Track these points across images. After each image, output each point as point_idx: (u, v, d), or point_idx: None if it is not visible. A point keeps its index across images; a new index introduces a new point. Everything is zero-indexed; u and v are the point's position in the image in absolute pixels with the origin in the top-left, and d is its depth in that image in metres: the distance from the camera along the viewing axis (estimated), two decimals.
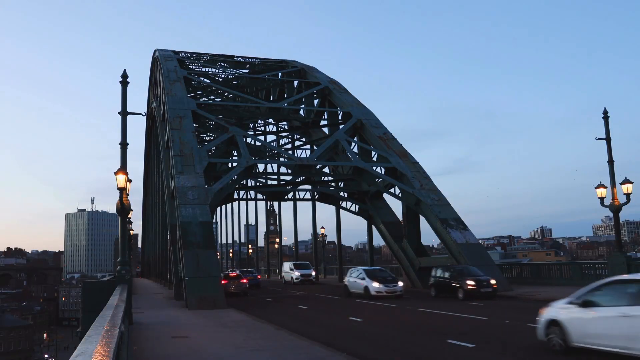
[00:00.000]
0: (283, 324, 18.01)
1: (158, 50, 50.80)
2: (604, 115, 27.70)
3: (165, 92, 39.73)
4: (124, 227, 20.54)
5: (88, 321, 10.83)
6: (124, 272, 19.13)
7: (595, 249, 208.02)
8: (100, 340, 5.10)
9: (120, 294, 14.73)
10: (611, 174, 27.22)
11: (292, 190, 49.22)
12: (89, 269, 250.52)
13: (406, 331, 16.23)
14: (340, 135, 38.50)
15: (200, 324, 18.52)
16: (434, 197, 34.21)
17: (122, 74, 21.48)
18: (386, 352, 12.80)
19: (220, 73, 52.90)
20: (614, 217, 27.93)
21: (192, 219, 28.36)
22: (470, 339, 13.52)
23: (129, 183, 20.91)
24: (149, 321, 19.84)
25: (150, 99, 58.90)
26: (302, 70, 49.63)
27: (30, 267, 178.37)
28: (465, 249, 31.16)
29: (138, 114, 21.95)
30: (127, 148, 20.73)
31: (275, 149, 45.13)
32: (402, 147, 38.27)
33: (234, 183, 37.76)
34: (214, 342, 14.11)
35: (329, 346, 12.85)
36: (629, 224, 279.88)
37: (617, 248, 27.35)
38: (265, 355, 11.94)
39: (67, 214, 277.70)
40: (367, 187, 40.88)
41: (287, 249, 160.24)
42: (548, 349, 11.37)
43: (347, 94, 44.55)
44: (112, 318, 7.80)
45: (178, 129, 34.65)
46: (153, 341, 14.68)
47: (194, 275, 25.95)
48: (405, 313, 21.58)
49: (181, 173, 30.99)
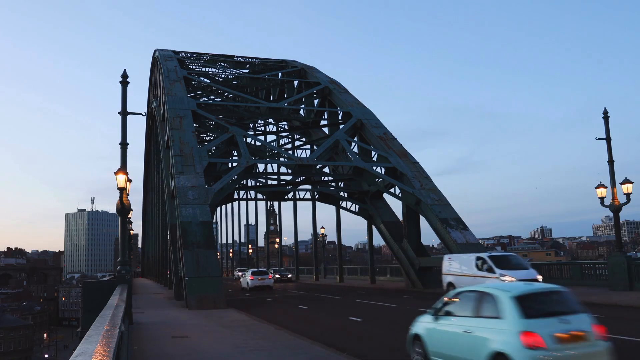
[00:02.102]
0: (283, 324, 18.01)
1: (158, 50, 50.81)
2: (604, 115, 27.69)
3: (165, 92, 39.73)
4: (124, 227, 20.55)
5: (88, 321, 10.83)
6: (124, 272, 19.14)
7: (595, 249, 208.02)
8: (101, 340, 5.10)
9: (120, 293, 14.73)
10: (611, 174, 27.21)
11: (292, 190, 49.20)
12: (89, 269, 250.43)
13: (406, 331, 16.19)
14: (340, 135, 38.48)
15: (201, 323, 18.52)
16: (434, 197, 34.20)
17: (122, 74, 21.50)
18: (386, 352, 12.80)
19: (220, 73, 52.89)
20: (614, 217, 27.92)
21: (192, 219, 28.36)
22: None
23: (129, 183, 20.91)
24: (149, 321, 19.84)
25: (150, 98, 58.91)
26: (302, 70, 49.62)
27: (30, 267, 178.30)
28: (466, 249, 31.12)
29: (138, 114, 21.99)
30: (127, 148, 20.75)
31: (275, 149, 45.09)
32: (402, 147, 38.26)
33: (234, 183, 37.74)
34: (214, 342, 14.10)
35: (329, 346, 12.85)
36: (629, 224, 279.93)
37: (617, 248, 27.31)
38: (265, 355, 11.94)
39: (67, 214, 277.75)
40: (367, 187, 40.87)
41: (287, 249, 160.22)
42: None
43: (347, 93, 44.55)
44: (112, 318, 7.80)
45: (178, 128, 34.65)
46: (153, 341, 14.68)
47: (194, 275, 25.95)
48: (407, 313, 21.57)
49: (181, 173, 30.99)
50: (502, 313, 8.36)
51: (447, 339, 9.31)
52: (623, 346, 12.00)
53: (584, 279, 29.14)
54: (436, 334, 9.65)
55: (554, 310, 8.40)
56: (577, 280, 29.31)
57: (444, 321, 9.56)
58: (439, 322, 9.64)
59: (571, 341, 7.90)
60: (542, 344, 7.71)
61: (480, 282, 20.19)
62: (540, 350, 7.67)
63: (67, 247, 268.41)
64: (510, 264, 21.69)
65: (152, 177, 68.03)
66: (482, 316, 8.72)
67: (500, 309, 8.43)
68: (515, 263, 22.06)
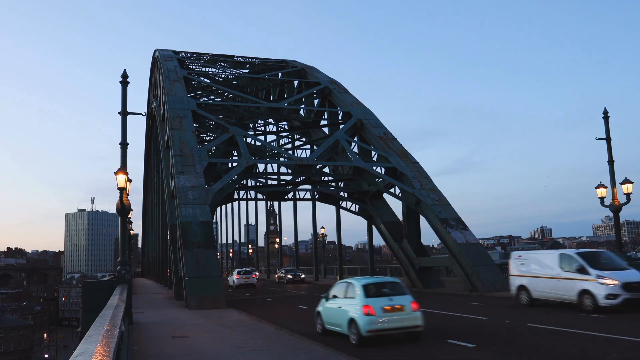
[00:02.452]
0: (283, 324, 18.00)
1: (158, 50, 50.79)
2: (604, 115, 27.70)
3: (165, 92, 39.72)
4: (124, 227, 20.55)
5: (88, 321, 10.82)
6: (124, 272, 19.14)
7: (595, 249, 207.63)
8: (101, 340, 5.10)
9: (120, 293, 14.73)
10: (611, 174, 27.22)
11: (292, 190, 49.16)
12: (89, 268, 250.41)
13: None
14: (340, 135, 38.47)
15: (201, 324, 18.51)
16: (434, 197, 34.19)
17: (122, 73, 21.51)
18: (387, 351, 12.79)
19: (220, 73, 52.86)
20: (614, 217, 27.93)
21: (192, 219, 28.35)
22: (470, 339, 13.51)
23: (129, 183, 20.91)
24: (149, 321, 19.84)
25: (151, 98, 58.90)
26: (302, 70, 49.60)
27: (30, 267, 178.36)
28: (465, 248, 31.14)
29: (138, 114, 22.00)
30: (127, 148, 20.75)
31: (275, 149, 45.07)
32: (402, 147, 38.24)
33: (234, 183, 37.72)
34: (214, 342, 14.10)
35: (329, 346, 12.85)
36: (629, 224, 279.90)
37: (617, 248, 27.32)
38: (265, 355, 11.93)
39: (67, 214, 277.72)
40: (367, 187, 40.85)
41: (288, 248, 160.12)
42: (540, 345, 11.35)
43: (347, 93, 44.53)
44: (112, 318, 7.80)
45: (178, 128, 34.64)
46: (153, 341, 14.68)
47: (194, 275, 25.94)
48: None
49: (181, 173, 30.98)
50: (355, 295, 14.00)
51: (331, 313, 15.21)
52: (624, 347, 12.00)
53: None
54: (326, 310, 15.55)
55: (385, 293, 14.02)
56: None
57: (330, 302, 15.38)
58: (328, 303, 15.50)
59: (392, 311, 13.43)
60: (373, 312, 13.26)
61: (570, 285, 18.21)
62: (372, 316, 13.24)
63: (67, 247, 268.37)
64: (605, 263, 18.77)
65: (152, 177, 68.00)
66: (347, 297, 14.46)
67: (355, 293, 14.08)
68: (611, 262, 19.10)
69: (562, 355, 11.25)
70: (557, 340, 12.96)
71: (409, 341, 13.72)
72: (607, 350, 11.49)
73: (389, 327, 13.31)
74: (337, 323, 14.62)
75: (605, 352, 11.24)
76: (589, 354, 11.22)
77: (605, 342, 12.42)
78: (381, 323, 13.19)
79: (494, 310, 20.37)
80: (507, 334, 14.67)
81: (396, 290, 14.12)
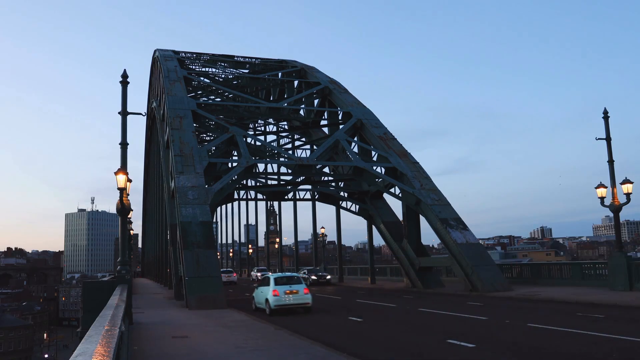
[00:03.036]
0: (283, 323, 17.99)
1: (158, 50, 50.79)
2: (604, 115, 27.67)
3: (165, 92, 39.71)
4: (124, 227, 20.53)
5: (88, 321, 10.83)
6: (124, 272, 19.12)
7: (596, 249, 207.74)
8: (101, 340, 5.09)
9: (120, 293, 14.72)
10: (611, 174, 27.19)
11: (292, 190, 49.18)
12: (89, 268, 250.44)
13: (406, 331, 16.20)
14: (340, 135, 38.46)
15: (201, 324, 18.51)
16: (434, 197, 34.19)
17: (122, 74, 21.49)
18: (387, 351, 12.79)
19: (220, 73, 52.85)
20: (614, 217, 27.90)
21: (192, 219, 28.36)
22: (470, 339, 13.51)
23: (129, 183, 20.88)
24: (149, 321, 19.83)
25: (151, 98, 58.90)
26: (302, 70, 49.59)
27: (30, 267, 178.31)
28: (465, 248, 31.15)
29: (138, 114, 21.97)
30: (127, 148, 20.73)
31: (275, 149, 45.06)
32: (402, 147, 38.24)
33: (234, 183, 37.73)
34: (214, 342, 14.10)
35: (329, 346, 12.84)
36: (629, 224, 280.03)
37: (617, 248, 27.28)
38: (265, 355, 11.93)
39: (67, 214, 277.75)
40: (367, 187, 40.85)
41: (287, 248, 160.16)
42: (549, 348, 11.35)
43: (347, 93, 44.52)
44: (112, 318, 7.79)
45: (178, 128, 34.64)
46: (153, 341, 14.67)
47: (194, 275, 25.95)
48: (406, 313, 21.56)
49: (181, 173, 30.98)
50: (270, 284, 22.02)
51: (258, 295, 23.35)
52: (624, 347, 12.00)
53: (584, 279, 29.12)
54: (256, 294, 23.71)
55: (288, 282, 22.13)
56: (577, 280, 29.29)
57: (259, 289, 23.40)
58: (258, 289, 23.68)
59: (290, 293, 21.59)
60: (278, 294, 21.44)
61: None
62: (277, 296, 21.39)
63: (67, 247, 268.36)
64: None
65: (152, 177, 68.00)
66: (266, 285, 22.48)
67: (270, 282, 22.09)
68: None
69: (562, 355, 11.24)
70: (558, 341, 12.96)
71: (303, 313, 21.65)
72: (607, 350, 11.49)
73: (289, 304, 21.52)
74: (261, 302, 22.69)
75: (606, 353, 11.23)
76: (589, 354, 11.22)
77: (606, 342, 12.41)
78: (284, 301, 21.36)
79: (494, 310, 20.39)
80: (507, 334, 14.67)
81: (295, 281, 22.29)
